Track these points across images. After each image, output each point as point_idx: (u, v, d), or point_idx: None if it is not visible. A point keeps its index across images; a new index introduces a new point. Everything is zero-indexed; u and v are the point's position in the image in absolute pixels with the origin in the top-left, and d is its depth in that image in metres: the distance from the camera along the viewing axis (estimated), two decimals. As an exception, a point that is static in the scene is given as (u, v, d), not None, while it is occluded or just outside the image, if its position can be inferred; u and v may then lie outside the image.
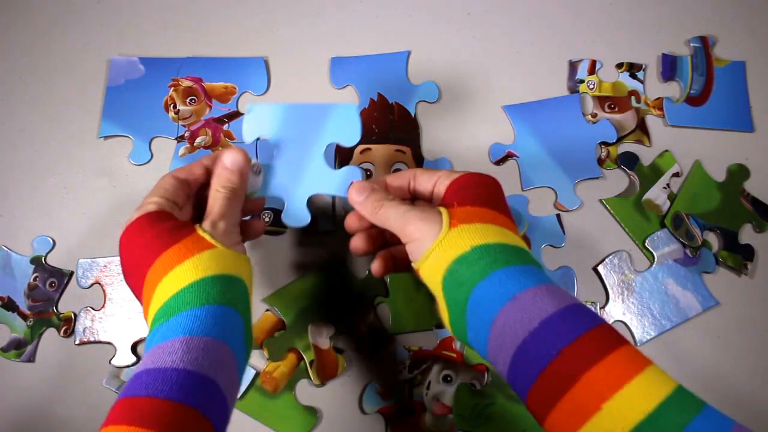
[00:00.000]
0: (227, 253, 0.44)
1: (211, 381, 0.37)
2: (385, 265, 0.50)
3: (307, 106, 0.51)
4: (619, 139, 0.67)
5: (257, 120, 0.51)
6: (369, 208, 0.46)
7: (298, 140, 0.50)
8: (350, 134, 0.50)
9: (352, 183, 0.48)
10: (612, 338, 0.37)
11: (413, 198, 0.50)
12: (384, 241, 0.51)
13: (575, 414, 0.35)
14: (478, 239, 0.41)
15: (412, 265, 0.45)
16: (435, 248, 0.42)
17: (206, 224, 0.45)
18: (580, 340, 0.36)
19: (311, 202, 0.50)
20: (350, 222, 0.50)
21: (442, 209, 0.43)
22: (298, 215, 0.50)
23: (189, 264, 0.41)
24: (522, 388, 0.38)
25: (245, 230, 0.51)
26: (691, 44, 0.70)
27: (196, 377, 0.37)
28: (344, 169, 0.50)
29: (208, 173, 0.49)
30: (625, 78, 0.69)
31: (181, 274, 0.41)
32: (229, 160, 0.47)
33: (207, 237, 0.44)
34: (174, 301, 0.41)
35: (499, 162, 0.66)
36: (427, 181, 0.48)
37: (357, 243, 0.50)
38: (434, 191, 0.47)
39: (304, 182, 0.50)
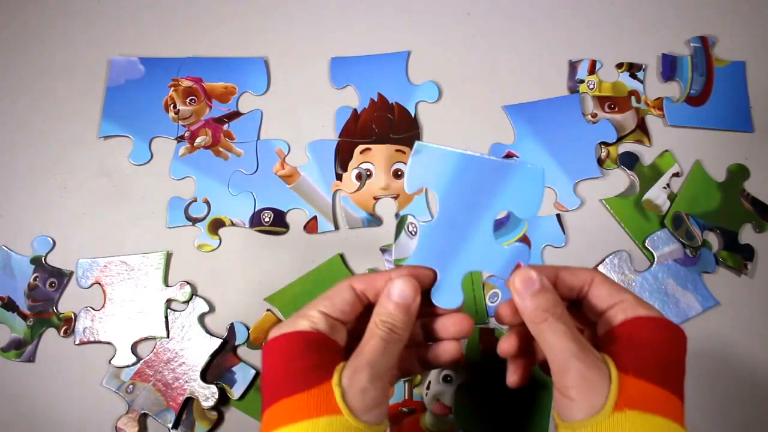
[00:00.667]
0: (347, 427, 0.35)
1: None
2: (523, 378, 0.41)
3: (486, 160, 0.40)
4: (619, 139, 0.67)
5: (426, 165, 0.39)
6: (530, 312, 0.37)
7: (467, 201, 0.39)
8: (529, 204, 0.40)
9: (518, 267, 0.39)
10: None
11: (581, 299, 0.41)
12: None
13: None
14: None
15: (553, 410, 0.38)
16: (587, 429, 0.34)
17: (346, 372, 0.36)
18: None
19: (314, 204, 0.45)
20: (504, 313, 0.40)
21: (613, 374, 0.35)
22: (450, 295, 0.40)
23: (300, 428, 0.34)
24: None
25: (427, 356, 0.41)
26: (691, 44, 0.70)
27: None
28: (513, 246, 0.41)
29: None
30: (625, 78, 0.69)
31: None
32: (396, 290, 0.38)
33: (337, 395, 0.35)
34: None
35: (499, 162, 0.66)
36: (604, 300, 0.39)
37: (507, 345, 0.40)
38: (609, 315, 0.39)
39: (463, 255, 0.40)
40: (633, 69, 0.69)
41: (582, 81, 0.69)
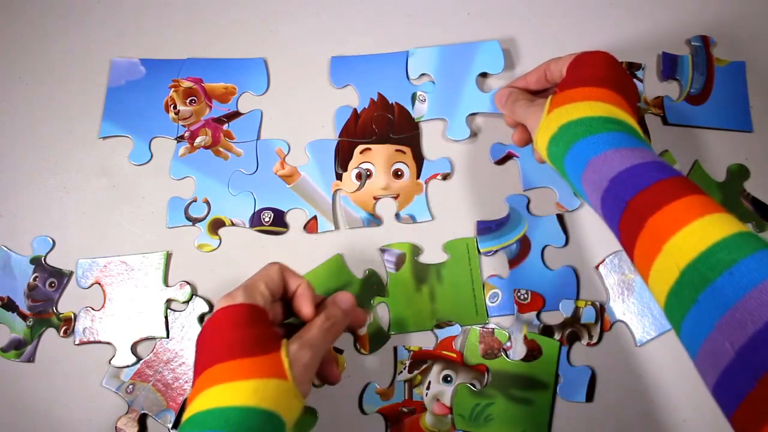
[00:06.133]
0: (290, 392, 0.41)
1: None
2: (525, 139, 0.60)
3: (459, 45, 0.68)
4: (619, 139, 0.67)
5: (420, 61, 0.68)
6: (507, 108, 0.59)
7: (454, 71, 0.67)
8: (496, 64, 0.67)
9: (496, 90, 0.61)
10: (681, 188, 0.41)
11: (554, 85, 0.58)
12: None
13: (645, 257, 0.40)
14: (564, 118, 0.49)
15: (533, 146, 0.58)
16: (539, 131, 0.51)
17: (294, 346, 0.43)
18: (647, 191, 0.41)
19: (314, 204, 0.52)
20: (507, 120, 0.62)
21: (548, 99, 0.52)
22: (460, 130, 0.65)
23: (251, 385, 0.40)
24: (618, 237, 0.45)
25: (324, 372, 0.49)
26: (692, 43, 0.70)
27: None
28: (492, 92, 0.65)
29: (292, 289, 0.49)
30: (625, 78, 0.69)
31: (237, 388, 0.40)
32: (342, 299, 0.50)
33: (286, 364, 0.41)
34: (212, 415, 0.39)
35: (500, 162, 0.66)
36: (556, 69, 0.56)
37: (518, 135, 0.60)
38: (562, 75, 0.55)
39: (461, 103, 0.66)
40: (632, 68, 0.69)
41: (582, 81, 0.68)
